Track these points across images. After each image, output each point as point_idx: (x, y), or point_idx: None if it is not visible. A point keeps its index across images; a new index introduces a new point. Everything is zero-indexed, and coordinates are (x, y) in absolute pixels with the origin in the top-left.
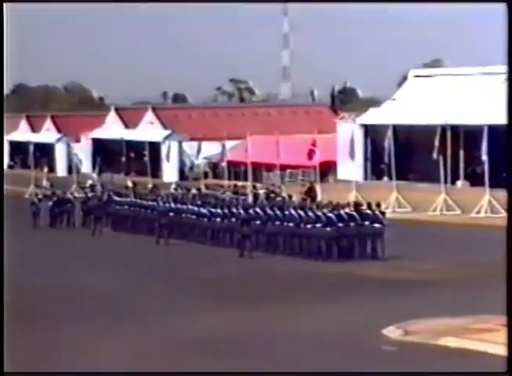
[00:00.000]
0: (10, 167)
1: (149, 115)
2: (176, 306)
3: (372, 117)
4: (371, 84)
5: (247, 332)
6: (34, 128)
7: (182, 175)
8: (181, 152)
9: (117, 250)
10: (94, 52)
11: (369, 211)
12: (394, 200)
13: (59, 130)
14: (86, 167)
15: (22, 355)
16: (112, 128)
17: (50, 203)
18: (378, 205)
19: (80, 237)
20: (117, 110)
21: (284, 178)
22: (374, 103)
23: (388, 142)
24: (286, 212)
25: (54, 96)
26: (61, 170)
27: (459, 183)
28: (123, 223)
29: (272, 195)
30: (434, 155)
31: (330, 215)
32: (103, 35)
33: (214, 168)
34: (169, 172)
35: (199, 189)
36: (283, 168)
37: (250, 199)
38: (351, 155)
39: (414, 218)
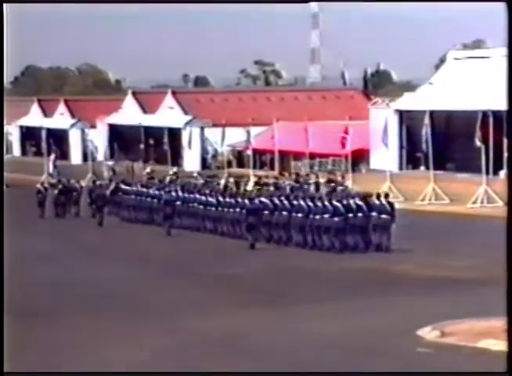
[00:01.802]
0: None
1: (169, 99)
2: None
3: (407, 102)
4: (406, 67)
5: (276, 331)
6: (47, 113)
7: (204, 163)
8: (203, 139)
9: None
10: (110, 32)
11: (376, 202)
12: (431, 192)
13: (72, 115)
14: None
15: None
16: (129, 113)
17: (56, 191)
18: (386, 196)
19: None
20: (134, 93)
21: (313, 168)
22: (410, 87)
23: (425, 130)
24: (295, 202)
25: (67, 79)
26: (75, 157)
27: (502, 173)
28: (130, 213)
29: (333, 184)
30: (476, 143)
31: (338, 205)
32: (120, 14)
33: (238, 156)
34: (190, 160)
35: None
36: (312, 156)
37: (312, 189)
38: (385, 143)
39: (452, 211)
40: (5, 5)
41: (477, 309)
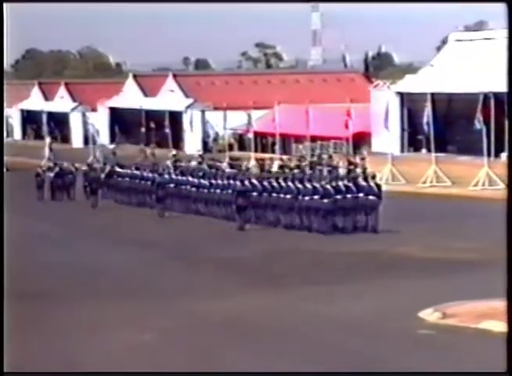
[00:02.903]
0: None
1: (170, 82)
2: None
3: (409, 84)
4: (408, 49)
5: (281, 314)
6: (47, 96)
7: (206, 146)
8: (204, 122)
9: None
10: (110, 15)
11: (364, 183)
12: (432, 174)
13: (73, 98)
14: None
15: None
16: (130, 97)
17: (51, 174)
18: (373, 177)
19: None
20: (135, 76)
21: (315, 151)
22: (411, 69)
23: (426, 112)
24: (284, 184)
25: (68, 62)
26: (77, 141)
27: (504, 156)
28: (125, 195)
29: (352, 167)
30: (477, 125)
31: (328, 186)
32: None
33: (239, 139)
34: (191, 144)
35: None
36: (313, 139)
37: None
38: (386, 126)
39: (453, 193)
40: None
41: (478, 290)
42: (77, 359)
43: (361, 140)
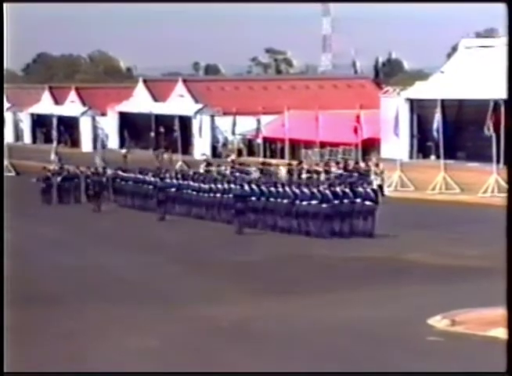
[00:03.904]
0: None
1: (180, 87)
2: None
3: (419, 91)
4: (418, 56)
5: (291, 320)
6: (58, 101)
7: (215, 151)
8: (213, 127)
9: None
10: (121, 20)
11: (361, 189)
12: (441, 181)
13: (83, 103)
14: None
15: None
16: (140, 101)
17: (59, 178)
18: (369, 183)
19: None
20: (145, 81)
21: (324, 156)
22: (421, 75)
23: (436, 119)
24: (281, 189)
25: (78, 66)
26: (86, 145)
27: None
28: (128, 199)
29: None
30: (486, 132)
31: (326, 191)
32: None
33: (248, 144)
34: (201, 149)
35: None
36: (323, 145)
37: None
38: (396, 132)
39: (463, 200)
40: None
41: (487, 298)
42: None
43: (370, 146)
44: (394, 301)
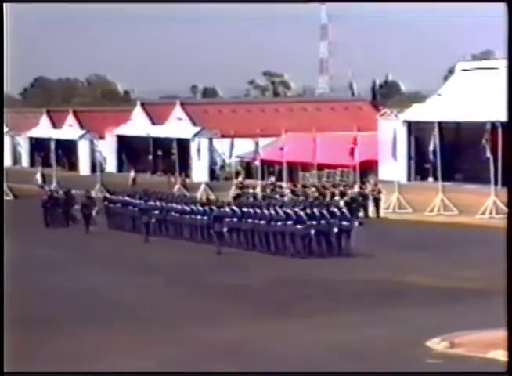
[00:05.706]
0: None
1: (178, 110)
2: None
3: (416, 113)
4: (415, 78)
5: (283, 342)
6: (56, 124)
7: (213, 174)
8: (211, 150)
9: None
10: (117, 43)
11: (336, 210)
12: (439, 203)
13: (81, 126)
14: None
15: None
16: (138, 124)
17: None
18: (347, 204)
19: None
20: (143, 104)
21: (321, 179)
22: (418, 98)
23: (433, 141)
24: (258, 211)
25: (76, 90)
26: (84, 169)
27: None
28: (116, 221)
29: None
30: (486, 154)
31: (301, 213)
32: (128, 24)
33: (246, 167)
34: (199, 171)
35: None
36: (320, 167)
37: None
38: (394, 154)
39: (461, 222)
40: (15, 13)
41: (486, 319)
42: None
43: (368, 168)
44: (392, 323)
